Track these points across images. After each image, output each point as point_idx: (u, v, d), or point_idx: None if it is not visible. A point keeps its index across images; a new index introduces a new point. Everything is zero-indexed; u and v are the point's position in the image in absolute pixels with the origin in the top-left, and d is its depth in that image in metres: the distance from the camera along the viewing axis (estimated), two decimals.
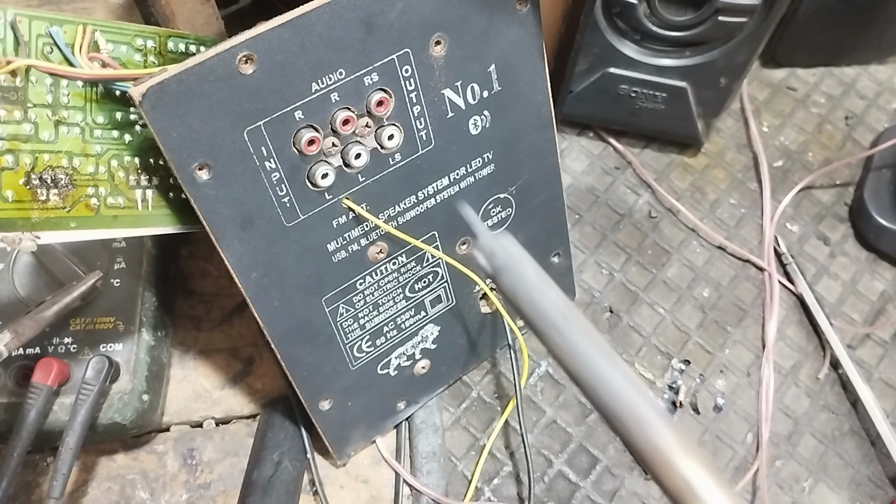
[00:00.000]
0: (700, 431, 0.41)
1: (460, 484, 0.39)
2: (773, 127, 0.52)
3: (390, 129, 0.28)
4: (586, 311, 0.44)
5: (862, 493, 0.40)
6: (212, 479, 0.37)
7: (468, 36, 0.28)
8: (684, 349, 0.43)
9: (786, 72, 0.54)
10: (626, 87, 0.45)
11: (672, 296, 0.45)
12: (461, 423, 0.40)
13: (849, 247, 0.48)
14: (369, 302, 0.33)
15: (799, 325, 0.44)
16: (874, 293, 0.46)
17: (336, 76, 0.26)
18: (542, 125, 0.34)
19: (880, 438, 0.40)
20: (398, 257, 0.33)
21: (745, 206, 0.48)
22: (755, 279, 0.46)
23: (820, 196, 0.49)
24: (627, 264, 0.46)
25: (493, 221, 0.35)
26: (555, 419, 0.41)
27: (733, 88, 0.44)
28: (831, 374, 0.43)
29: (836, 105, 0.53)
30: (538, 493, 0.38)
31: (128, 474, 0.37)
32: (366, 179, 0.29)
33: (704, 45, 0.42)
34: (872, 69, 0.55)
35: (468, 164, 0.32)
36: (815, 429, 0.41)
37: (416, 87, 0.28)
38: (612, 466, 0.40)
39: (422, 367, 0.38)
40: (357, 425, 0.37)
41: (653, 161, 0.50)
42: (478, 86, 0.30)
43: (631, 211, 0.48)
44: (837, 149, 0.51)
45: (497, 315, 0.38)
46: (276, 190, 0.27)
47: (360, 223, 0.30)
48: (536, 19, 0.30)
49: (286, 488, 0.35)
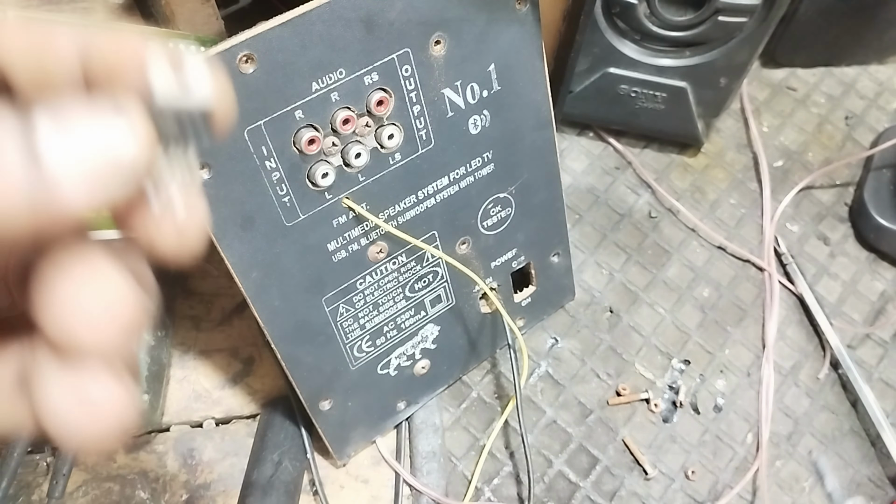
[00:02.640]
0: (700, 431, 0.41)
1: (460, 484, 0.38)
2: (773, 127, 0.52)
3: (390, 128, 0.28)
4: (586, 310, 0.44)
5: (862, 494, 0.40)
6: (212, 479, 0.37)
7: (468, 35, 0.28)
8: (684, 349, 0.43)
9: (786, 72, 0.54)
10: (626, 87, 0.45)
11: (672, 296, 0.45)
12: (461, 424, 0.40)
13: (849, 247, 0.47)
14: (369, 302, 0.33)
15: (799, 325, 0.44)
16: (874, 293, 0.46)
17: (336, 76, 0.26)
18: (542, 125, 0.34)
19: (880, 438, 0.40)
20: (398, 257, 0.33)
21: (745, 206, 0.48)
22: (755, 279, 0.46)
23: (820, 196, 0.49)
24: (627, 264, 0.46)
25: (492, 221, 0.35)
26: (555, 419, 0.41)
27: (733, 88, 0.44)
28: (831, 374, 0.43)
29: (837, 105, 0.53)
30: (538, 493, 0.38)
31: (128, 474, 0.37)
32: (366, 179, 0.29)
33: (704, 46, 0.42)
34: (872, 69, 0.55)
35: (468, 163, 0.32)
36: (816, 429, 0.41)
37: (415, 87, 0.28)
38: (611, 466, 0.40)
39: (422, 367, 0.38)
40: (357, 425, 0.37)
41: (653, 161, 0.50)
42: (477, 85, 0.30)
43: (631, 211, 0.48)
44: (837, 149, 0.51)
45: (497, 315, 0.38)
46: (277, 189, 0.27)
47: (360, 223, 0.30)
48: (536, 19, 0.30)
49: (286, 488, 0.35)
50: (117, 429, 0.12)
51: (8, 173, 0.10)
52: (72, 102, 0.11)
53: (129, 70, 0.12)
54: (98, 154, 0.11)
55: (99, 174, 0.11)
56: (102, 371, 0.12)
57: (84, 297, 0.12)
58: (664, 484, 0.39)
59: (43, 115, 0.10)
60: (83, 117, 0.11)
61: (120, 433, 0.12)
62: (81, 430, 0.12)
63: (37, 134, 0.10)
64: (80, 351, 0.12)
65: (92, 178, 0.11)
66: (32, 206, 0.10)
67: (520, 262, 0.38)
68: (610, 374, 0.42)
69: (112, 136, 0.11)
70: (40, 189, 0.10)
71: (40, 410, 0.12)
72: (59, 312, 0.11)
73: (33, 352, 0.12)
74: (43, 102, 0.11)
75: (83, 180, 0.10)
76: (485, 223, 0.35)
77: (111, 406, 0.12)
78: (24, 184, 0.10)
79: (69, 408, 0.12)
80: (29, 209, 0.10)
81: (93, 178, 0.11)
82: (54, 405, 0.12)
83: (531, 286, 0.40)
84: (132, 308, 0.12)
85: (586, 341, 0.43)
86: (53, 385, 0.12)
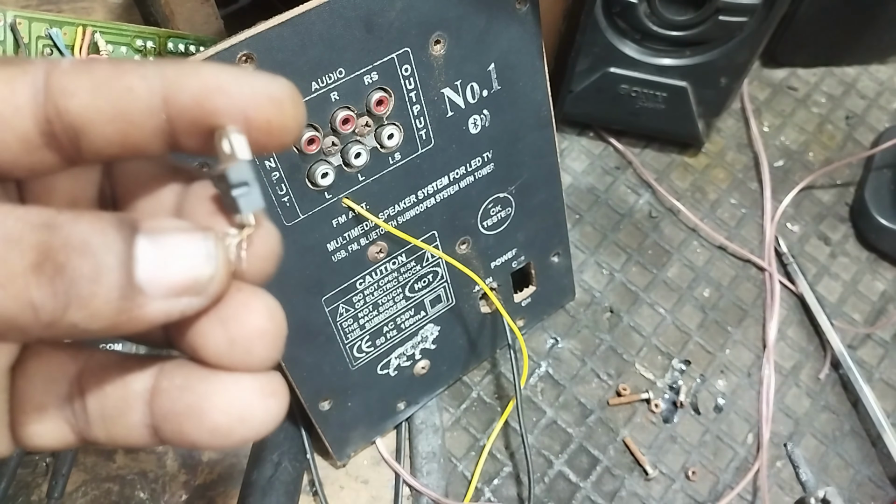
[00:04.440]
0: (701, 432, 0.41)
1: (460, 484, 0.38)
2: (773, 127, 0.52)
3: (390, 128, 0.28)
4: (587, 311, 0.44)
5: (863, 494, 0.40)
6: (211, 479, 0.37)
7: (468, 35, 0.28)
8: (685, 349, 0.43)
9: (786, 71, 0.54)
10: (627, 87, 0.44)
11: (672, 296, 0.45)
12: (461, 424, 0.40)
13: (850, 247, 0.47)
14: (369, 302, 0.33)
15: (800, 326, 0.44)
16: (875, 293, 0.46)
17: (336, 75, 0.26)
18: (542, 124, 0.33)
19: (881, 439, 0.40)
20: (398, 257, 0.33)
21: (745, 206, 0.48)
22: (756, 279, 0.46)
23: (821, 196, 0.49)
24: (628, 264, 0.46)
25: (492, 221, 0.35)
26: (555, 419, 0.41)
27: (734, 88, 0.44)
28: (832, 375, 0.43)
29: (837, 105, 0.53)
30: (538, 493, 0.38)
31: (127, 475, 0.37)
32: (365, 179, 0.29)
33: (705, 45, 0.42)
34: (873, 69, 0.55)
35: (468, 163, 0.32)
36: (816, 429, 0.41)
37: (415, 87, 0.28)
38: (612, 467, 0.39)
39: (422, 368, 0.38)
40: (357, 426, 0.37)
41: (653, 161, 0.50)
42: (477, 85, 0.30)
43: (631, 211, 0.47)
44: (838, 148, 0.51)
45: (497, 315, 0.38)
46: (276, 189, 0.27)
47: (359, 222, 0.30)
48: (536, 18, 0.30)
49: (286, 489, 0.35)
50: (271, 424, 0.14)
51: (104, 285, 0.11)
52: (168, 224, 0.12)
53: (214, 119, 0.13)
54: (181, 277, 0.12)
55: (178, 294, 0.12)
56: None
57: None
58: (665, 484, 0.39)
59: (144, 238, 0.12)
60: (176, 242, 0.12)
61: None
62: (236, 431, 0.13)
63: (135, 255, 0.12)
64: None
65: (173, 297, 0.12)
66: (117, 312, 0.12)
67: (520, 262, 0.38)
68: (610, 375, 0.42)
69: (195, 262, 0.12)
70: (127, 301, 0.12)
71: (190, 418, 0.13)
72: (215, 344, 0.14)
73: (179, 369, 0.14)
74: (146, 222, 0.12)
75: (164, 296, 0.12)
76: (485, 223, 0.35)
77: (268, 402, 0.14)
78: (116, 294, 0.12)
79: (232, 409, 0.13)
80: (114, 314, 0.12)
81: (173, 296, 0.12)
82: (215, 410, 0.13)
83: (531, 286, 0.40)
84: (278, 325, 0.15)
85: (586, 341, 0.43)
86: (213, 393, 0.13)
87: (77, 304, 0.11)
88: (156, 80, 0.12)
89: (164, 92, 0.13)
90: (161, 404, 0.14)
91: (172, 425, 0.13)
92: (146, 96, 0.12)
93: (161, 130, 0.13)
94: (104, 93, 0.12)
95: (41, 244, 0.11)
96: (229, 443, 0.13)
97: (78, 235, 0.11)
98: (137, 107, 0.12)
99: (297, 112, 0.14)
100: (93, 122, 0.12)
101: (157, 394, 0.14)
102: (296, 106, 0.14)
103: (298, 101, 0.14)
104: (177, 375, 0.14)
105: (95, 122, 0.12)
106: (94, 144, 0.13)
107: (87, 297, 0.11)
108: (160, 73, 0.13)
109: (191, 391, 0.13)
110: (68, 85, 0.12)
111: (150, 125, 0.13)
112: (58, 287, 0.11)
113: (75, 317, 0.11)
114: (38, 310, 0.11)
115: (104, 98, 0.12)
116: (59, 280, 0.11)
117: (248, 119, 0.13)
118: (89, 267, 0.11)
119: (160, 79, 0.12)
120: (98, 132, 0.12)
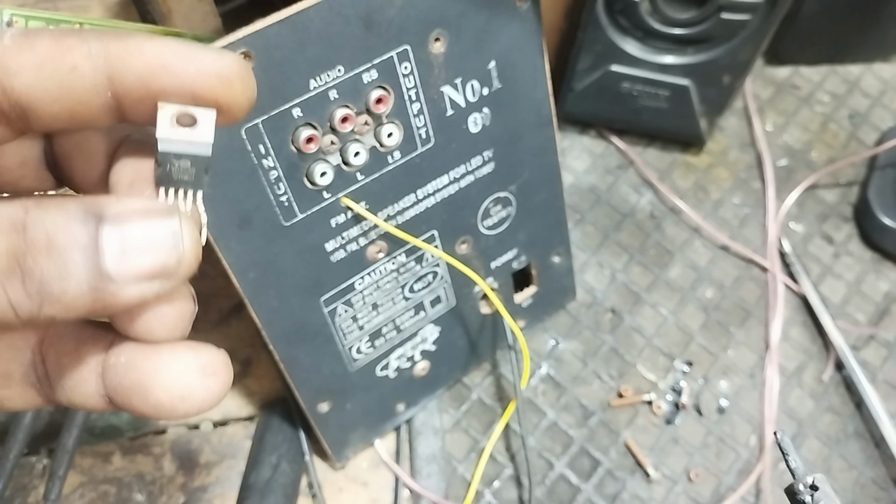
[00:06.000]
0: (703, 433, 0.40)
1: (460, 487, 0.38)
2: (776, 126, 0.51)
3: (389, 126, 0.28)
4: (588, 311, 0.43)
5: (866, 496, 0.39)
6: (209, 481, 0.37)
7: (468, 32, 0.28)
8: (687, 350, 0.43)
9: (789, 70, 0.54)
10: (629, 86, 0.44)
11: (675, 296, 0.44)
12: (461, 426, 0.40)
13: (853, 247, 0.47)
14: (368, 302, 0.33)
15: (803, 326, 0.44)
16: (879, 293, 0.46)
17: (334, 73, 0.26)
18: (543, 123, 0.33)
19: (885, 440, 0.40)
20: (397, 257, 0.33)
21: (748, 206, 0.48)
22: (759, 279, 0.45)
23: (824, 195, 0.49)
24: (629, 264, 0.45)
25: (493, 220, 0.35)
26: (556, 421, 0.40)
27: (736, 87, 0.44)
28: (835, 376, 0.43)
29: (841, 103, 0.53)
30: (539, 496, 0.38)
31: (124, 477, 0.37)
32: (365, 178, 0.29)
33: (707, 43, 0.42)
34: (877, 67, 0.54)
35: (468, 162, 0.32)
36: (820, 431, 0.41)
37: (415, 85, 0.28)
38: (613, 469, 0.39)
39: (421, 369, 0.37)
40: (356, 427, 0.37)
41: (655, 160, 0.49)
42: (478, 83, 0.30)
43: (633, 210, 0.47)
44: (842, 148, 0.51)
45: (497, 316, 0.38)
46: (275, 189, 0.27)
47: (358, 222, 0.30)
48: (537, 16, 0.29)
49: (284, 491, 0.35)
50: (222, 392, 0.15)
51: (72, 281, 0.12)
52: (133, 206, 0.13)
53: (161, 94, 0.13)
54: (150, 264, 0.13)
55: (149, 278, 0.13)
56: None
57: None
58: (667, 486, 0.39)
59: (109, 228, 0.12)
60: (142, 227, 0.13)
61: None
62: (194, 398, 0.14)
63: (101, 246, 0.12)
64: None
65: (144, 281, 0.13)
66: (91, 301, 0.12)
67: (521, 263, 0.38)
68: (612, 376, 0.42)
69: (163, 246, 0.13)
70: (98, 291, 0.12)
71: (147, 385, 0.14)
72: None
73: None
74: (111, 206, 0.12)
75: (136, 282, 0.13)
76: (485, 223, 0.34)
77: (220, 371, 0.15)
78: (86, 287, 0.12)
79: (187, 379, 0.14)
80: (89, 303, 0.12)
81: (145, 280, 0.13)
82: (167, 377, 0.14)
83: (532, 287, 0.40)
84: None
85: (588, 342, 0.43)
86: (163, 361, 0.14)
87: (50, 300, 0.12)
88: (100, 60, 0.13)
89: (108, 71, 0.13)
90: (111, 378, 0.14)
91: (122, 398, 0.14)
92: (91, 75, 0.13)
93: (108, 106, 0.13)
94: (48, 72, 0.12)
95: (10, 249, 0.12)
96: (175, 417, 0.14)
97: (43, 236, 0.12)
98: (82, 86, 0.13)
99: (246, 89, 0.14)
100: (39, 101, 0.13)
101: (107, 368, 0.14)
102: (245, 83, 0.14)
103: (248, 78, 0.14)
104: (123, 352, 0.14)
105: (42, 101, 0.13)
106: (42, 120, 0.13)
107: (58, 294, 0.12)
108: (104, 51, 0.13)
109: (135, 369, 0.14)
110: (11, 63, 0.12)
111: (97, 102, 0.13)
112: (30, 288, 0.12)
113: (51, 311, 0.12)
114: (17, 308, 0.12)
115: (48, 77, 0.12)
116: (29, 282, 0.12)
117: (195, 98, 0.13)
118: (56, 267, 0.12)
119: (104, 57, 0.13)
120: (45, 109, 0.13)
